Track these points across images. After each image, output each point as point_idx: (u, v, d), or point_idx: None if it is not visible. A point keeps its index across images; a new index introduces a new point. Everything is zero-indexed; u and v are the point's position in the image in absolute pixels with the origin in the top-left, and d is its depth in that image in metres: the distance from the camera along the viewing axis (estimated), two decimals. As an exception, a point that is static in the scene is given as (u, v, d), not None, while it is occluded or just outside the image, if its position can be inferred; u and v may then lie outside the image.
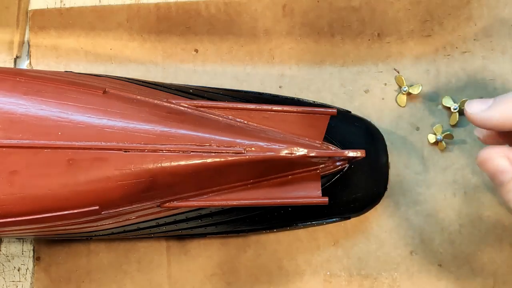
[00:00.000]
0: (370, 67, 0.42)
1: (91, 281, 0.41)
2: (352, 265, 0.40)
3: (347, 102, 0.42)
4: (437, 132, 0.40)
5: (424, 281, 0.40)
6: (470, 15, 0.41)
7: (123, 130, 0.30)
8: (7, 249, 0.42)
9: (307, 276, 0.41)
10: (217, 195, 0.34)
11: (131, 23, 0.43)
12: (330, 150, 0.34)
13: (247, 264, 0.41)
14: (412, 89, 0.41)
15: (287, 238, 0.41)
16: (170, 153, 0.30)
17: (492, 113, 0.30)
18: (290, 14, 0.42)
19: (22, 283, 0.42)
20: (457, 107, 0.40)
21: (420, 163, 0.41)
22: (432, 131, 0.41)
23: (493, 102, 0.30)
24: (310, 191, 0.34)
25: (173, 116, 0.32)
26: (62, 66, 0.43)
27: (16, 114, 0.30)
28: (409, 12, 0.42)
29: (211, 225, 0.38)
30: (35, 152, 0.29)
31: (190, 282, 0.41)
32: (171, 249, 0.41)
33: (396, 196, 0.41)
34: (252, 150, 0.31)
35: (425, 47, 0.42)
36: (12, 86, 0.31)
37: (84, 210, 0.30)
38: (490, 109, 0.30)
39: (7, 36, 0.44)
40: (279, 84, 0.42)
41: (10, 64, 0.44)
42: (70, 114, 0.30)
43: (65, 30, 0.43)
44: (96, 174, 0.30)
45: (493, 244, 0.40)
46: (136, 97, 0.33)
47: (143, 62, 0.43)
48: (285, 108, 0.34)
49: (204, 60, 0.43)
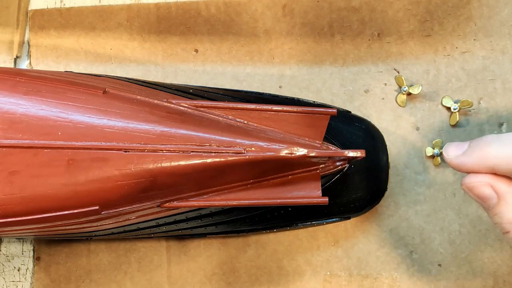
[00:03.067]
0: (370, 67, 0.42)
1: (91, 281, 0.41)
2: (352, 265, 0.40)
3: (347, 102, 0.42)
4: (435, 146, 0.40)
5: (424, 281, 0.40)
6: (470, 15, 0.41)
7: (123, 130, 0.30)
8: (7, 249, 0.42)
9: (307, 276, 0.41)
10: (217, 195, 0.34)
11: (131, 23, 0.43)
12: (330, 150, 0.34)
13: (247, 264, 0.41)
14: (412, 89, 0.41)
15: (287, 238, 0.41)
16: (170, 153, 0.30)
17: (466, 159, 0.31)
18: (290, 14, 0.42)
19: (22, 283, 0.42)
20: (457, 107, 0.40)
21: (420, 163, 0.41)
22: (431, 144, 0.41)
23: (468, 147, 0.31)
24: (310, 191, 0.34)
25: (173, 116, 0.32)
26: (62, 66, 0.43)
27: (16, 114, 0.30)
28: (409, 12, 0.42)
29: (211, 225, 0.38)
30: (35, 152, 0.29)
31: (190, 282, 0.41)
32: (171, 249, 0.41)
33: (396, 196, 0.41)
34: (252, 150, 0.31)
35: (425, 47, 0.42)
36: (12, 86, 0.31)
37: (84, 210, 0.30)
38: (465, 155, 0.31)
39: (7, 36, 0.44)
40: (279, 84, 0.42)
41: (10, 64, 0.44)
42: (70, 114, 0.30)
43: (65, 30, 0.43)
44: (96, 174, 0.30)
45: (493, 244, 0.40)
46: (136, 97, 0.33)
47: (143, 62, 0.43)
48: (285, 108, 0.33)
49: (204, 60, 0.43)
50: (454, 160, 0.31)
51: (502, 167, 0.30)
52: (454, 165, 0.31)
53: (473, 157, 0.30)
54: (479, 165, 0.30)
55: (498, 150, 0.29)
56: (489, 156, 0.30)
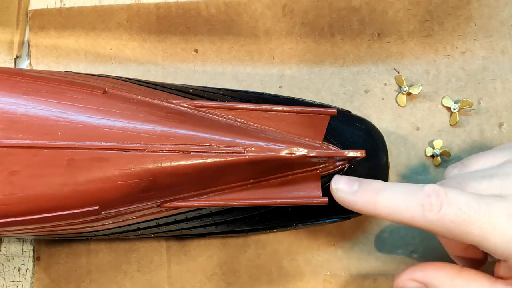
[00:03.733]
0: (370, 67, 0.42)
1: (91, 281, 0.41)
2: (352, 265, 0.40)
3: (347, 102, 0.42)
4: (435, 147, 0.40)
5: (424, 281, 0.40)
6: (470, 15, 0.41)
7: (123, 130, 0.30)
8: (7, 249, 0.42)
9: (307, 276, 0.41)
10: (217, 195, 0.34)
11: (131, 23, 0.43)
12: (330, 150, 0.34)
13: (247, 264, 0.41)
14: (412, 89, 0.41)
15: (287, 238, 0.41)
16: (170, 153, 0.30)
17: (355, 199, 0.31)
18: (290, 14, 0.42)
19: (22, 283, 0.42)
20: (457, 107, 0.40)
21: (420, 163, 0.41)
22: (432, 144, 0.41)
23: (358, 189, 0.31)
24: (310, 191, 0.34)
25: (173, 116, 0.32)
26: (62, 66, 0.43)
27: (16, 114, 0.30)
28: (409, 12, 0.42)
29: (211, 225, 0.38)
30: (35, 152, 0.29)
31: (190, 282, 0.41)
32: (171, 249, 0.41)
33: (396, 196, 0.40)
34: (252, 150, 0.31)
35: (425, 47, 0.42)
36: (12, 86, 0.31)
37: (84, 210, 0.30)
38: (354, 195, 0.31)
39: (7, 36, 0.44)
40: (279, 84, 0.42)
41: (10, 64, 0.44)
42: (70, 114, 0.30)
43: (65, 30, 0.43)
44: (96, 174, 0.30)
45: (493, 244, 0.40)
46: (136, 97, 0.33)
47: (143, 62, 0.43)
48: (285, 108, 0.33)
49: (204, 60, 0.43)
50: (342, 197, 0.31)
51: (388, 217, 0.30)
52: (342, 202, 0.31)
53: (362, 200, 0.30)
54: (367, 210, 0.30)
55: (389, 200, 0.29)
56: (378, 205, 0.30)
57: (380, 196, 0.30)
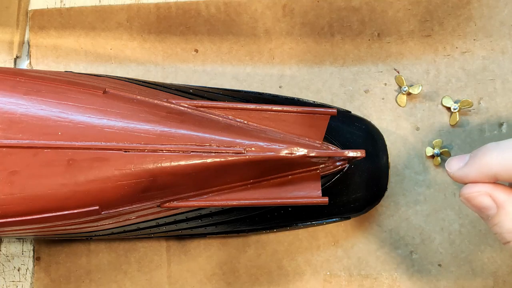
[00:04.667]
0: (370, 67, 0.42)
1: (91, 281, 0.41)
2: (352, 265, 0.40)
3: (347, 102, 0.42)
4: (435, 146, 0.40)
5: (424, 281, 0.40)
6: (470, 15, 0.41)
7: (123, 130, 0.30)
8: (7, 249, 0.42)
9: (307, 276, 0.41)
10: (217, 195, 0.34)
11: (131, 23, 0.43)
12: (330, 150, 0.34)
13: (247, 264, 0.41)
14: (412, 89, 0.41)
15: (287, 238, 0.41)
16: (170, 153, 0.30)
17: (468, 170, 0.31)
18: (290, 14, 0.42)
19: (22, 283, 0.42)
20: (457, 107, 0.40)
21: (420, 163, 0.41)
22: (432, 144, 0.41)
23: (469, 159, 0.31)
24: (310, 191, 0.34)
25: (173, 116, 0.32)
26: (62, 66, 0.43)
27: (16, 114, 0.30)
28: (409, 12, 0.42)
29: (211, 225, 0.38)
30: (35, 152, 0.29)
31: (190, 282, 0.41)
32: (171, 249, 0.41)
33: (396, 196, 0.41)
34: (252, 150, 0.31)
35: (425, 47, 0.42)
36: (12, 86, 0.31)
37: (84, 210, 0.30)
38: (467, 166, 0.31)
39: (7, 36, 0.44)
40: (279, 84, 0.42)
41: (10, 64, 0.44)
42: (70, 114, 0.30)
43: (65, 30, 0.43)
44: (96, 174, 0.30)
45: (493, 244, 0.40)
46: (136, 97, 0.33)
47: (143, 62, 0.43)
48: (285, 108, 0.33)
49: (204, 60, 0.43)
50: (456, 173, 0.31)
51: (503, 174, 0.29)
52: (457, 178, 0.31)
53: (475, 167, 0.30)
54: (481, 175, 0.30)
55: (499, 157, 0.29)
56: (490, 165, 0.29)
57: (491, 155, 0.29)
